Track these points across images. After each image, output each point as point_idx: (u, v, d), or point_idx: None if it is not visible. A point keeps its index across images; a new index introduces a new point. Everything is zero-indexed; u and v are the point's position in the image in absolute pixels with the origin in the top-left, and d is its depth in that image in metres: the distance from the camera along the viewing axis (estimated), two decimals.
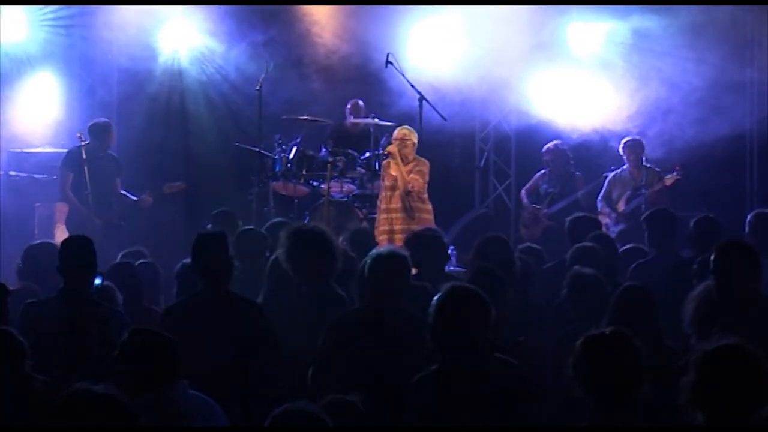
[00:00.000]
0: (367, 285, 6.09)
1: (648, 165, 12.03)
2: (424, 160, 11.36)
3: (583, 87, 13.08)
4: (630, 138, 12.27)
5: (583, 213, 9.79)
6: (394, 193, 11.29)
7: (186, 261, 7.06)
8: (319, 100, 13.23)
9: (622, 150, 12.22)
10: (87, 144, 11.44)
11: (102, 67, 13.22)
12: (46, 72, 13.02)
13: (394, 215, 11.26)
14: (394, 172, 11.28)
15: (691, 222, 8.35)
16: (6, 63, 12.64)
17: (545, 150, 12.80)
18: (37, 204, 12.17)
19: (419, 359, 5.28)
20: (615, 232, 11.56)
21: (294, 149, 12.14)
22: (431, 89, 12.16)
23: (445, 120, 12.07)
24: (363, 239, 8.45)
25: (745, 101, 12.84)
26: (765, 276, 6.35)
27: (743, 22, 12.62)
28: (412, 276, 6.45)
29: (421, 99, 11.74)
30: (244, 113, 13.16)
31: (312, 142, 12.42)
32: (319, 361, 5.96)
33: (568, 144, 12.89)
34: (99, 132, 11.55)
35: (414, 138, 11.33)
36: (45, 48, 12.90)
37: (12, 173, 12.42)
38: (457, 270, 8.25)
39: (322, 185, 12.12)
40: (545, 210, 12.64)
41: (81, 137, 11.48)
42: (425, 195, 11.32)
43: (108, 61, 13.19)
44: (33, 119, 12.89)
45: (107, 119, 11.88)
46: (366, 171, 12.13)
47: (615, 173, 12.30)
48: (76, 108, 12.90)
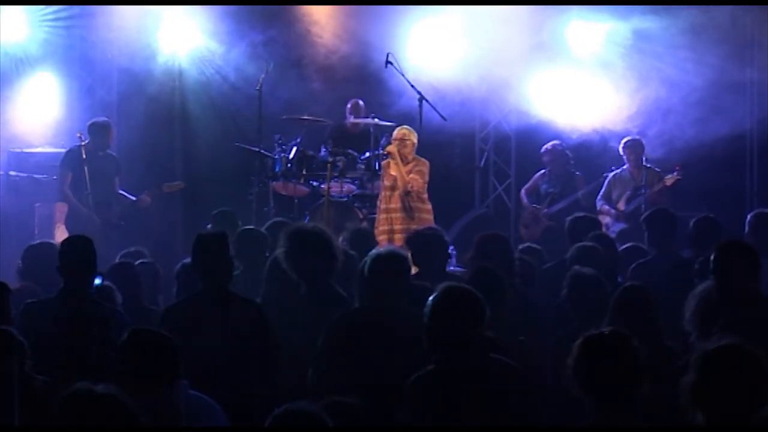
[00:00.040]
0: (367, 285, 6.09)
1: (648, 165, 12.03)
2: (423, 160, 11.35)
3: (583, 87, 13.08)
4: (630, 138, 12.27)
5: (584, 213, 9.80)
6: (393, 193, 11.28)
7: (186, 261, 7.07)
8: (319, 100, 13.21)
9: (622, 150, 12.22)
10: (87, 143, 11.45)
11: (102, 67, 13.21)
12: (46, 72, 13.01)
13: (393, 215, 11.26)
14: (393, 172, 11.28)
15: (691, 222, 8.35)
16: (6, 63, 12.63)
17: (543, 151, 12.81)
18: (37, 204, 12.17)
19: (419, 359, 5.27)
20: (615, 231, 11.58)
21: (294, 149, 12.13)
22: (431, 89, 12.15)
23: (445, 120, 12.07)
24: (363, 239, 8.45)
25: (745, 101, 12.84)
26: (765, 276, 6.35)
27: (743, 22, 12.61)
28: (411, 275, 6.44)
29: (421, 99, 11.73)
30: (244, 113, 13.15)
31: (312, 142, 12.41)
32: (319, 361, 5.96)
33: (567, 144, 12.90)
34: (98, 131, 11.56)
35: (414, 138, 11.32)
36: (45, 48, 12.89)
37: (12, 173, 12.41)
38: (458, 270, 8.25)
39: (322, 185, 12.11)
40: (545, 210, 12.65)
41: (81, 137, 11.49)
42: (425, 195, 11.31)
43: (108, 61, 13.17)
44: (33, 119, 12.89)
45: (106, 119, 11.88)
46: (366, 171, 12.13)
47: (615, 173, 12.30)
48: (75, 108, 12.89)
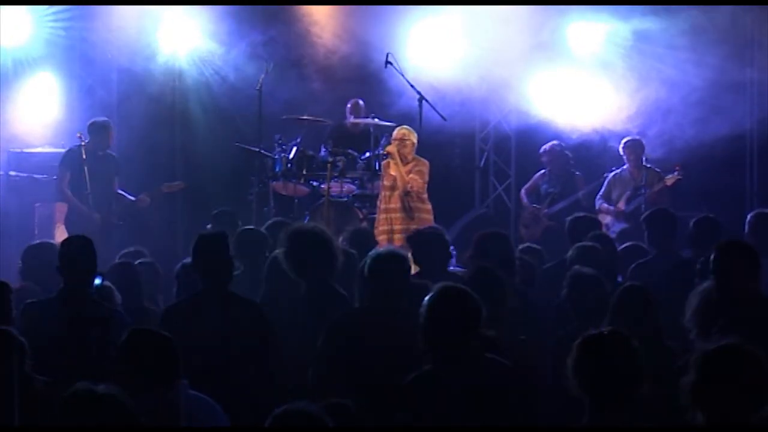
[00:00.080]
0: (367, 285, 6.09)
1: (648, 165, 12.03)
2: (423, 160, 11.35)
3: (583, 87, 13.07)
4: (630, 138, 12.27)
5: (584, 213, 9.80)
6: (393, 193, 11.28)
7: (186, 261, 7.07)
8: (319, 100, 13.21)
9: (622, 150, 12.22)
10: (86, 143, 11.45)
11: (102, 68, 13.21)
12: (46, 72, 13.01)
13: (393, 215, 11.25)
14: (393, 172, 11.27)
15: (691, 222, 8.35)
16: (6, 63, 12.63)
17: (542, 151, 12.81)
18: (37, 204, 12.16)
19: (419, 359, 5.27)
20: (616, 231, 11.58)
21: (294, 149, 12.13)
22: (431, 89, 12.15)
23: (445, 120, 12.07)
24: (363, 239, 8.44)
25: (745, 101, 12.84)
26: (765, 276, 6.35)
27: (743, 22, 12.61)
28: (412, 275, 6.44)
29: (421, 99, 11.73)
30: (243, 113, 13.14)
31: (312, 142, 12.40)
32: (319, 361, 5.95)
33: (567, 144, 12.90)
34: (98, 131, 11.55)
35: (413, 138, 11.31)
36: (45, 48, 12.89)
37: (12, 173, 12.41)
38: (458, 269, 8.24)
39: (322, 185, 12.11)
40: (546, 210, 12.64)
41: (81, 137, 11.48)
42: (425, 195, 11.30)
43: (108, 62, 13.17)
44: (33, 119, 12.89)
45: (106, 118, 11.88)
46: (366, 171, 12.12)
47: (615, 173, 12.30)
48: (76, 108, 12.89)
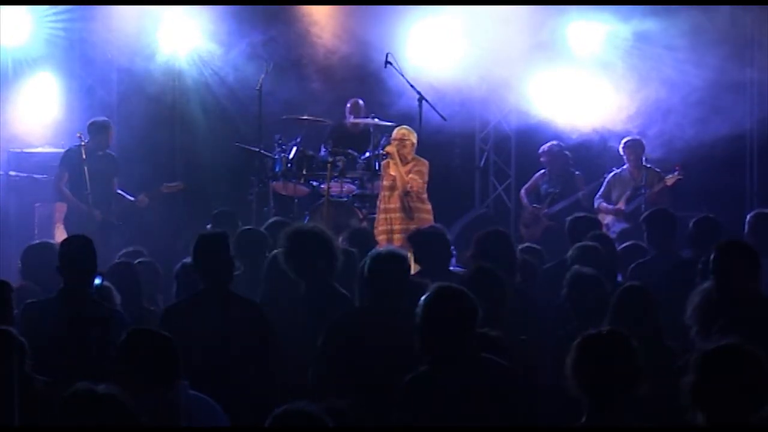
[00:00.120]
0: (367, 285, 6.08)
1: (648, 165, 12.02)
2: (423, 160, 11.34)
3: (583, 87, 13.07)
4: (630, 138, 12.26)
5: (584, 213, 9.80)
6: (392, 193, 11.27)
7: (186, 261, 7.06)
8: (319, 100, 13.21)
9: (622, 150, 12.22)
10: (86, 143, 11.45)
11: (102, 68, 13.22)
12: (46, 72, 13.02)
13: (392, 215, 11.24)
14: (392, 172, 11.26)
15: (691, 222, 8.34)
16: (6, 63, 12.64)
17: (541, 152, 12.80)
18: (37, 204, 12.16)
19: (419, 359, 5.27)
20: (616, 231, 11.57)
21: (294, 149, 12.12)
22: (431, 89, 12.15)
23: (445, 120, 12.07)
24: (362, 239, 8.44)
25: (745, 101, 12.84)
26: (765, 276, 6.35)
27: (743, 22, 12.61)
28: (413, 274, 6.43)
29: (421, 99, 11.73)
30: (243, 113, 13.15)
31: (312, 142, 12.40)
32: (319, 361, 5.95)
33: (567, 144, 12.89)
34: (98, 131, 11.55)
35: (413, 138, 11.31)
36: (45, 48, 12.89)
37: (12, 173, 12.41)
38: (458, 269, 8.23)
39: (322, 185, 12.11)
40: (546, 210, 12.63)
41: (81, 137, 11.48)
42: (424, 195, 11.29)
43: (108, 62, 13.18)
44: (33, 119, 12.89)
45: (106, 118, 11.88)
46: (366, 171, 12.12)
47: (615, 173, 12.29)
48: (75, 108, 12.89)
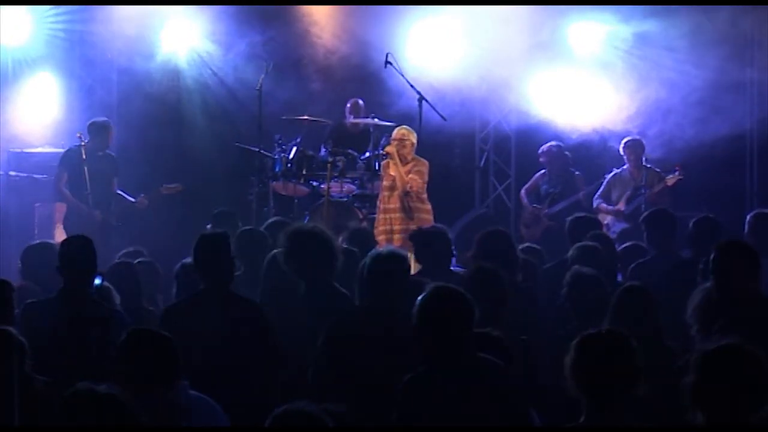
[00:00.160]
0: (367, 285, 6.08)
1: (648, 165, 12.02)
2: (423, 160, 11.33)
3: (583, 87, 13.07)
4: (630, 138, 12.26)
5: (584, 213, 9.80)
6: (392, 194, 11.27)
7: (186, 261, 7.06)
8: (319, 100, 13.21)
9: (622, 150, 12.21)
10: (86, 143, 11.45)
11: (101, 68, 13.22)
12: (45, 72, 13.02)
13: (392, 215, 11.24)
14: (392, 172, 11.26)
15: (691, 222, 8.34)
16: (6, 63, 12.64)
17: (540, 152, 12.80)
18: (37, 204, 12.16)
19: (418, 359, 5.27)
20: (616, 231, 11.58)
21: (294, 149, 12.13)
22: (431, 89, 12.15)
23: (445, 120, 12.07)
24: (362, 239, 8.44)
25: (745, 101, 12.84)
26: (765, 276, 6.35)
27: (743, 22, 12.61)
28: (414, 273, 6.42)
29: (421, 99, 11.73)
30: (243, 113, 13.15)
31: (312, 142, 12.40)
32: (319, 361, 5.95)
33: (567, 144, 12.89)
34: (98, 131, 11.55)
35: (413, 138, 11.30)
36: (45, 48, 12.90)
37: (12, 173, 12.42)
38: (458, 269, 8.22)
39: (322, 185, 12.11)
40: (546, 210, 12.63)
41: (81, 137, 11.48)
42: (424, 195, 11.29)
43: (108, 62, 13.18)
44: (33, 119, 12.89)
45: (106, 119, 11.88)
46: (366, 171, 12.12)
47: (615, 173, 12.29)
48: (75, 108, 12.89)
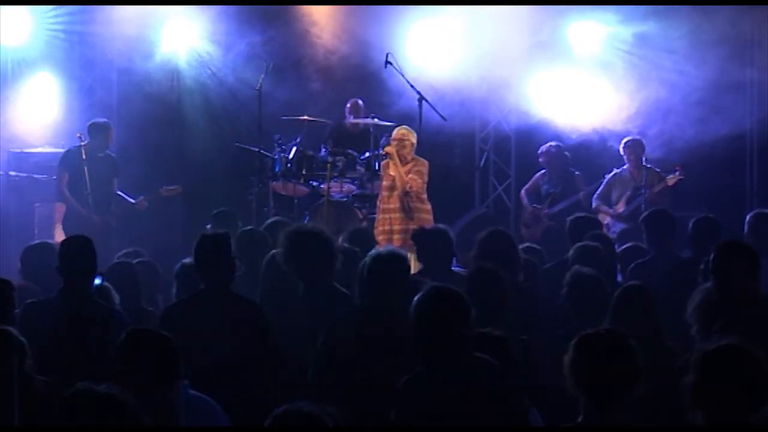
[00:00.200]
0: (367, 285, 6.08)
1: (648, 165, 12.02)
2: (422, 160, 11.33)
3: (583, 87, 13.07)
4: (630, 138, 12.26)
5: (584, 213, 9.80)
6: (392, 194, 11.27)
7: (185, 261, 7.06)
8: (319, 100, 13.21)
9: (622, 150, 12.21)
10: (86, 144, 11.45)
11: (101, 68, 13.22)
12: (45, 72, 13.02)
13: (392, 215, 11.24)
14: (392, 172, 11.27)
15: (691, 222, 8.33)
16: (6, 63, 12.64)
17: (539, 152, 12.80)
18: (37, 204, 12.16)
19: (418, 359, 5.27)
20: (616, 231, 11.58)
21: (294, 149, 12.13)
22: (431, 89, 12.14)
23: (445, 120, 12.07)
24: (362, 239, 8.43)
25: (745, 101, 12.84)
26: (765, 276, 6.35)
27: (743, 22, 12.61)
28: (415, 272, 6.42)
29: (421, 99, 11.72)
30: (243, 113, 13.15)
31: (312, 142, 12.41)
32: (319, 361, 5.95)
33: (567, 144, 12.89)
34: (98, 132, 11.54)
35: (413, 138, 11.30)
36: (45, 48, 12.90)
37: (12, 173, 12.42)
38: (458, 269, 8.22)
39: (321, 185, 12.11)
40: (546, 210, 12.63)
41: (81, 137, 11.48)
42: (424, 195, 11.29)
43: (107, 62, 13.18)
44: (33, 119, 12.90)
45: (106, 119, 11.88)
46: (366, 171, 12.12)
47: (615, 173, 12.29)
48: (75, 108, 12.90)
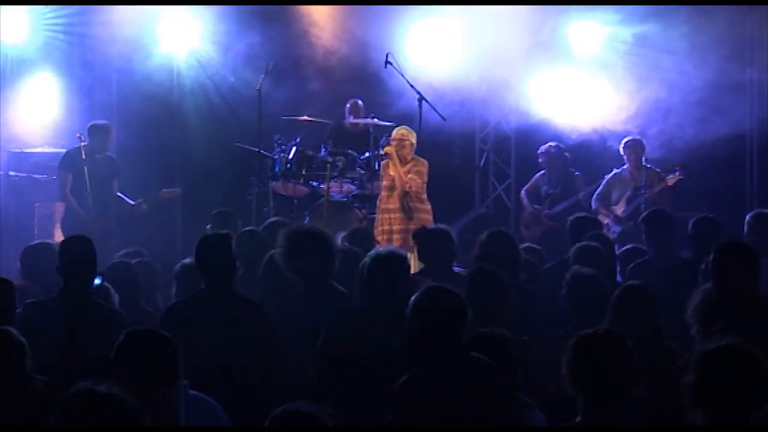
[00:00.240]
0: (367, 285, 6.09)
1: (648, 165, 12.02)
2: (422, 160, 11.34)
3: (583, 87, 13.07)
4: (631, 138, 12.26)
5: (585, 213, 9.80)
6: (391, 194, 11.27)
7: (185, 261, 7.06)
8: (318, 100, 13.21)
9: (622, 150, 12.21)
10: (86, 145, 11.45)
11: (101, 68, 13.23)
12: (45, 72, 13.03)
13: (392, 215, 11.24)
14: (391, 172, 11.27)
15: (691, 222, 8.33)
16: (6, 63, 12.65)
17: (539, 152, 12.80)
18: (37, 204, 12.17)
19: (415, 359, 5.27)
20: (616, 232, 11.58)
21: (293, 149, 12.13)
22: (431, 89, 12.15)
23: (445, 120, 12.07)
24: (362, 238, 8.44)
25: (745, 101, 12.84)
26: (765, 276, 6.35)
27: (743, 22, 12.61)
28: (413, 273, 6.42)
29: (421, 99, 11.73)
30: (243, 113, 13.15)
31: (311, 142, 12.40)
32: (319, 361, 5.95)
33: (567, 144, 12.89)
34: (98, 133, 11.55)
35: (412, 138, 11.30)
36: (44, 48, 12.91)
37: (12, 173, 12.43)
38: (458, 269, 8.21)
39: (321, 185, 12.11)
40: (546, 211, 12.62)
41: (81, 137, 11.48)
42: (424, 195, 11.29)
43: (107, 62, 13.19)
44: (33, 119, 12.91)
45: (107, 121, 11.88)
46: (365, 171, 12.13)
47: (615, 173, 12.28)
48: (75, 108, 12.91)
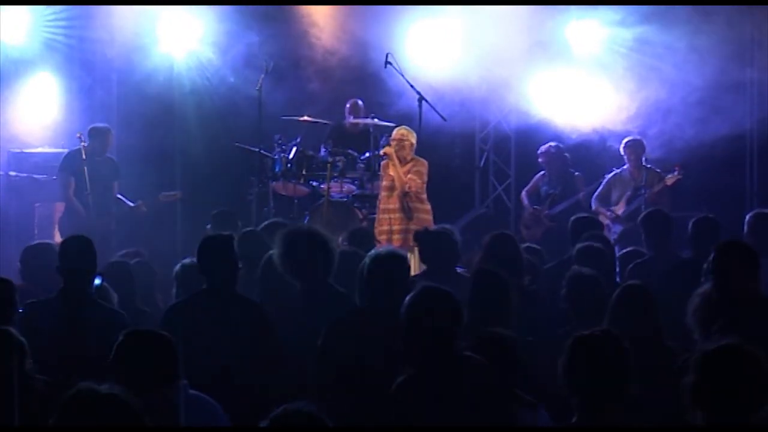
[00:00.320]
0: (367, 285, 6.09)
1: (648, 165, 12.02)
2: (422, 160, 11.34)
3: (583, 87, 13.07)
4: (631, 138, 12.26)
5: (585, 213, 9.80)
6: (391, 194, 11.27)
7: (185, 261, 7.07)
8: (318, 100, 13.21)
9: (622, 150, 12.21)
10: (86, 146, 11.44)
11: (101, 68, 13.23)
12: (45, 73, 13.04)
13: (392, 216, 11.25)
14: (391, 172, 11.27)
15: (690, 222, 8.33)
16: (6, 64, 12.65)
17: (539, 153, 12.80)
18: (37, 204, 12.17)
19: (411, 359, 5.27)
20: (616, 232, 11.58)
21: (294, 149, 12.13)
22: (431, 89, 12.15)
23: (445, 120, 12.07)
24: (362, 239, 8.44)
25: (745, 101, 12.85)
26: (765, 276, 6.35)
27: (743, 22, 12.61)
28: (416, 274, 6.42)
29: (421, 99, 11.73)
30: (243, 114, 13.15)
31: (312, 142, 12.40)
32: (319, 361, 5.96)
33: (567, 144, 12.89)
34: (98, 136, 11.55)
35: (412, 138, 11.30)
36: (44, 49, 12.91)
37: (12, 173, 12.43)
38: (459, 270, 8.21)
39: (321, 185, 12.11)
40: (546, 211, 12.61)
41: (81, 138, 11.48)
42: (424, 195, 11.29)
43: (107, 62, 13.19)
44: (33, 120, 12.92)
45: (107, 124, 11.87)
46: (366, 171, 12.13)
47: (615, 173, 12.29)
48: (75, 109, 12.91)
